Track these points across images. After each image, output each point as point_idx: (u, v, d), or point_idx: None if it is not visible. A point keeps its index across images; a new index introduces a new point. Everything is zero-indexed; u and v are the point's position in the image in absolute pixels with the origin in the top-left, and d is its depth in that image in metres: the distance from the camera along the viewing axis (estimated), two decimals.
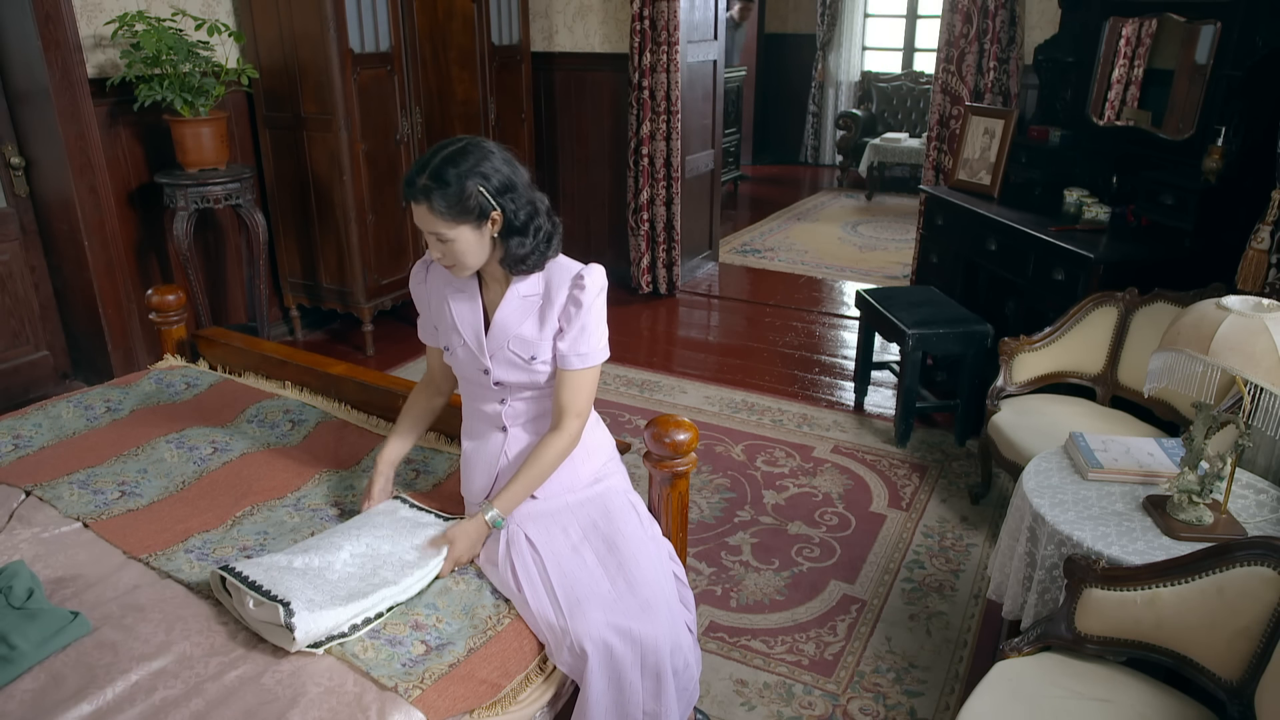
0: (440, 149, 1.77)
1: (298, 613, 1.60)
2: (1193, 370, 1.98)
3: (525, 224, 1.81)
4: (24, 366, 3.94)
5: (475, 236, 1.78)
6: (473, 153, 1.76)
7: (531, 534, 1.87)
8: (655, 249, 5.50)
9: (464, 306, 1.92)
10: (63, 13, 3.55)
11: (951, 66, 4.45)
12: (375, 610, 1.71)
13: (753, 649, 2.57)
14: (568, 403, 1.88)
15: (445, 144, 1.78)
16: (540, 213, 1.84)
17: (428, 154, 1.77)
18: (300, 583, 1.68)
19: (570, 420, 1.88)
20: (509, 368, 1.89)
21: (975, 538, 3.11)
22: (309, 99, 4.25)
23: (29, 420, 2.49)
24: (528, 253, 1.83)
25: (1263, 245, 2.64)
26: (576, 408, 1.88)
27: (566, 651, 1.73)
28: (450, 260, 1.81)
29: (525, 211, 1.80)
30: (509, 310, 1.88)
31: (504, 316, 1.88)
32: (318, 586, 1.69)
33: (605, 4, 5.35)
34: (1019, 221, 3.62)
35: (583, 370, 1.88)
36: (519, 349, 1.88)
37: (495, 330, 1.89)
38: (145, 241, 4.17)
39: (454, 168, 1.72)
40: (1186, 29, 3.48)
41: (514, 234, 1.80)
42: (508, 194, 1.78)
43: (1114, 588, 1.81)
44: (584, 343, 1.86)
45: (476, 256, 1.81)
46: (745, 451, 3.68)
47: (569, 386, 1.88)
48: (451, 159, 1.73)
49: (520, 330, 1.87)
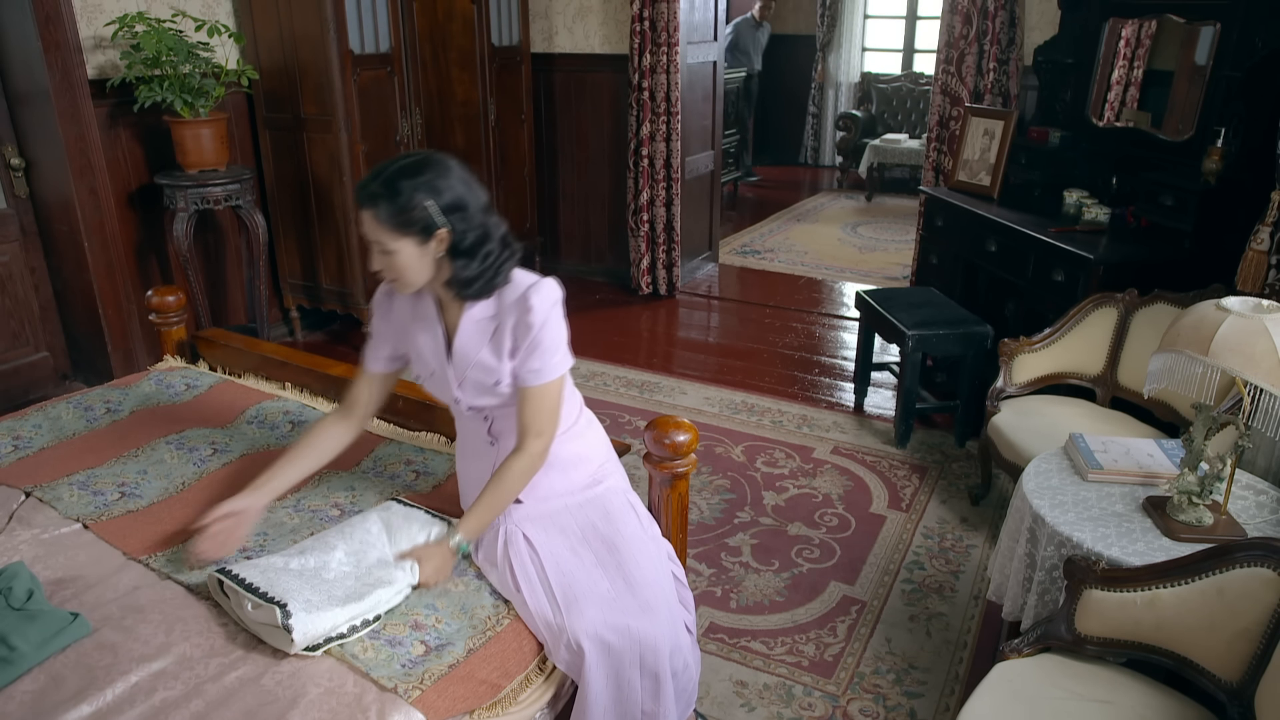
0: (399, 159, 1.74)
1: (295, 614, 1.60)
2: (1192, 371, 1.98)
3: (473, 247, 1.75)
4: (24, 368, 3.94)
5: (418, 252, 1.73)
6: (430, 167, 1.72)
7: (530, 534, 1.87)
8: (655, 250, 5.50)
9: (425, 336, 1.89)
10: (63, 14, 3.56)
11: (951, 68, 4.45)
12: (374, 613, 1.71)
13: (752, 650, 2.57)
14: (528, 422, 1.83)
15: (407, 155, 1.76)
16: (492, 238, 1.78)
17: (386, 162, 1.74)
18: (297, 584, 1.68)
19: (531, 440, 1.83)
20: (477, 393, 1.87)
21: (975, 539, 3.11)
22: (309, 100, 4.26)
23: (29, 421, 2.49)
24: (473, 277, 1.77)
25: (1262, 246, 2.64)
26: (537, 426, 1.83)
27: (564, 649, 1.73)
28: (391, 274, 1.77)
29: (475, 234, 1.75)
30: (466, 337, 1.84)
31: (462, 343, 1.85)
32: (315, 587, 1.69)
33: (605, 5, 5.35)
34: (1019, 223, 3.62)
35: (540, 386, 1.82)
36: (482, 375, 1.84)
37: (457, 358, 1.86)
38: (145, 242, 4.17)
39: (408, 179, 1.69)
40: (1186, 30, 3.48)
41: (460, 255, 1.75)
42: (458, 213, 1.73)
43: (1114, 589, 1.81)
44: (536, 359, 1.80)
45: (418, 273, 1.76)
46: (745, 452, 3.68)
47: (528, 405, 1.83)
48: (407, 170, 1.70)
49: (480, 356, 1.84)
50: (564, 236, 5.99)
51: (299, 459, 1.98)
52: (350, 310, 4.59)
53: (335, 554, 1.80)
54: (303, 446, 2.00)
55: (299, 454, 1.99)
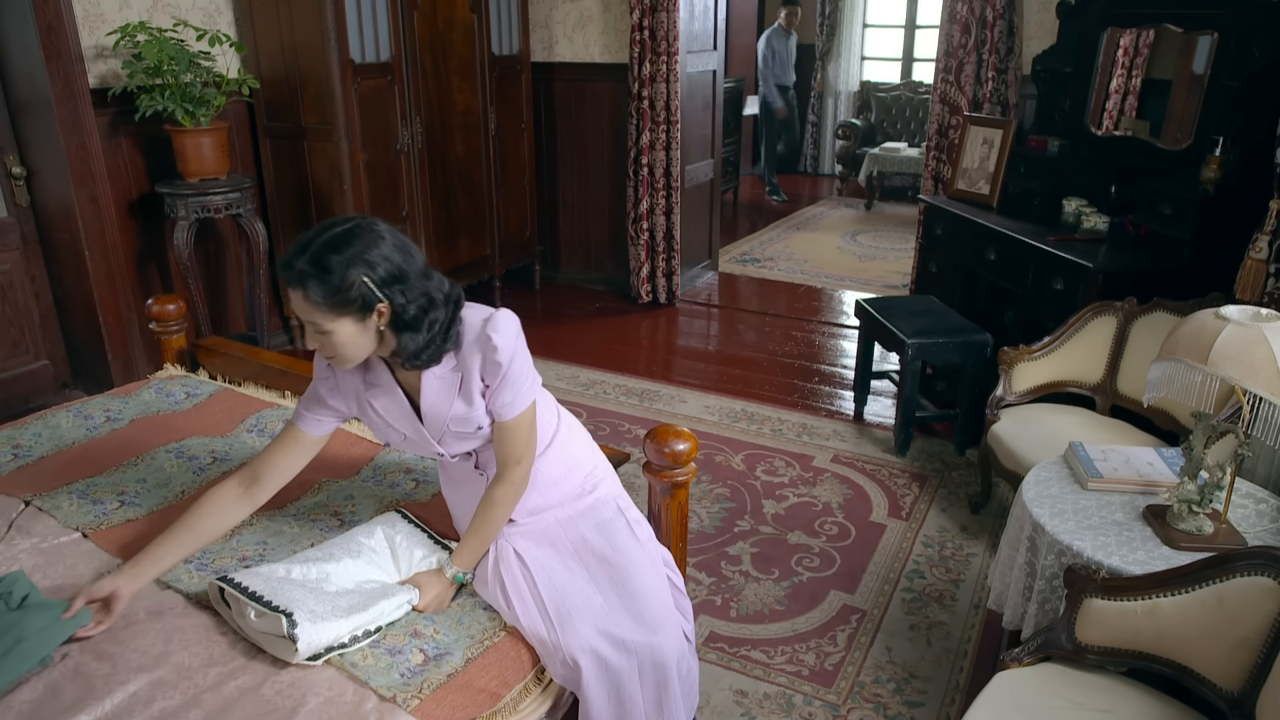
0: (324, 229, 1.60)
1: (301, 624, 1.59)
2: (1192, 380, 1.98)
3: (417, 318, 1.64)
4: (23, 376, 3.94)
5: (357, 329, 1.62)
6: (360, 237, 1.59)
7: (521, 549, 1.85)
8: (655, 258, 5.50)
9: (386, 401, 1.81)
10: (65, 23, 3.57)
11: (950, 76, 4.46)
12: (375, 624, 1.71)
13: (753, 659, 2.56)
14: (506, 454, 1.80)
15: (330, 224, 1.62)
16: (436, 304, 1.67)
17: (310, 233, 1.60)
18: (301, 594, 1.68)
19: (512, 469, 1.81)
20: (460, 441, 1.84)
21: (975, 547, 3.10)
22: (309, 109, 4.27)
23: (28, 430, 2.49)
24: (421, 348, 1.68)
25: (1261, 255, 2.65)
26: (515, 455, 1.80)
27: (559, 664, 1.73)
28: (329, 352, 1.66)
29: (418, 304, 1.64)
30: (432, 397, 1.76)
31: (430, 404, 1.77)
32: (319, 598, 1.69)
33: (605, 14, 5.37)
34: (1018, 231, 3.63)
35: (514, 419, 1.78)
36: (460, 426, 1.79)
37: (429, 418, 1.79)
38: (145, 251, 4.17)
39: (336, 254, 1.56)
40: (1184, 39, 3.49)
41: (405, 329, 1.65)
42: (396, 285, 1.61)
43: (1114, 598, 1.81)
44: (508, 393, 1.75)
45: (358, 349, 1.66)
46: (745, 461, 3.68)
47: (504, 438, 1.79)
48: (333, 244, 1.57)
49: (454, 410, 1.77)
50: (564, 245, 6.00)
51: (181, 536, 1.78)
52: None
53: (338, 565, 1.80)
54: (189, 521, 1.79)
55: (182, 530, 1.79)
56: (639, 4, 4.98)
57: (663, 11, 4.97)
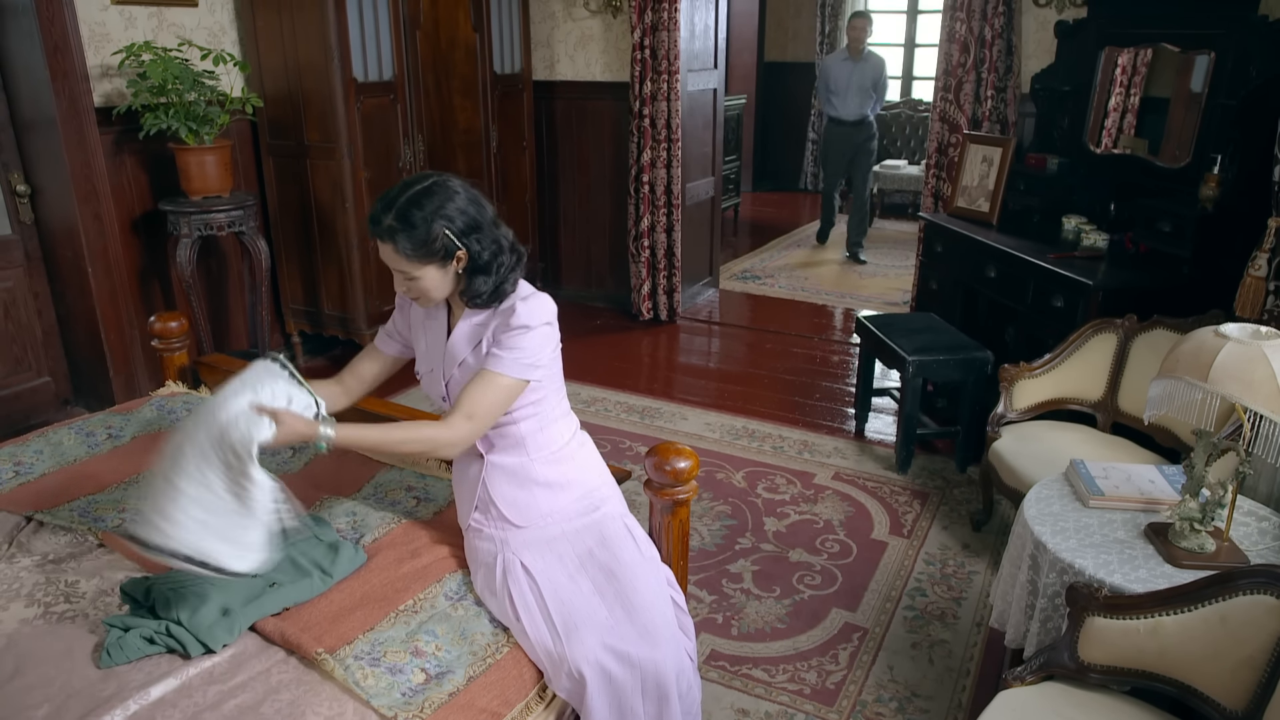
0: (406, 187, 1.78)
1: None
2: (1192, 398, 1.98)
3: (489, 262, 1.83)
4: (25, 393, 3.94)
5: (440, 274, 1.81)
6: (438, 193, 1.78)
7: (528, 562, 1.87)
8: (656, 275, 5.52)
9: (432, 334, 1.97)
10: (71, 43, 3.59)
11: (949, 95, 4.49)
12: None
13: (754, 678, 2.55)
14: (463, 400, 1.82)
15: (410, 182, 1.79)
16: (504, 249, 1.85)
17: (394, 191, 1.78)
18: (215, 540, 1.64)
19: (457, 418, 1.80)
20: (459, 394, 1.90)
21: (977, 565, 3.10)
22: (312, 127, 4.29)
23: (30, 447, 2.49)
24: (490, 290, 1.85)
25: (1260, 272, 2.66)
26: (468, 408, 1.80)
27: (565, 677, 1.73)
28: (415, 295, 1.85)
29: (490, 251, 1.82)
30: (459, 336, 1.91)
31: (454, 342, 1.91)
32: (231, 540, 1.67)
33: (606, 33, 5.41)
34: (1018, 249, 3.64)
35: (489, 374, 1.81)
36: (463, 377, 1.89)
37: (447, 356, 1.92)
38: (148, 268, 4.19)
39: (419, 210, 1.75)
40: (1181, 59, 3.52)
41: (479, 272, 1.83)
42: (473, 234, 1.80)
43: (1117, 616, 1.81)
44: (503, 349, 1.82)
45: (440, 290, 1.85)
46: (746, 478, 3.67)
47: (470, 385, 1.82)
48: (416, 200, 1.75)
49: (465, 356, 1.90)
50: (565, 262, 6.01)
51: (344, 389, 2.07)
52: (352, 335, 4.60)
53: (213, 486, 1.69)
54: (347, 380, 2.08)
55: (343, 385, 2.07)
56: (640, 23, 5.02)
57: (663, 31, 5.01)
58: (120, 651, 1.65)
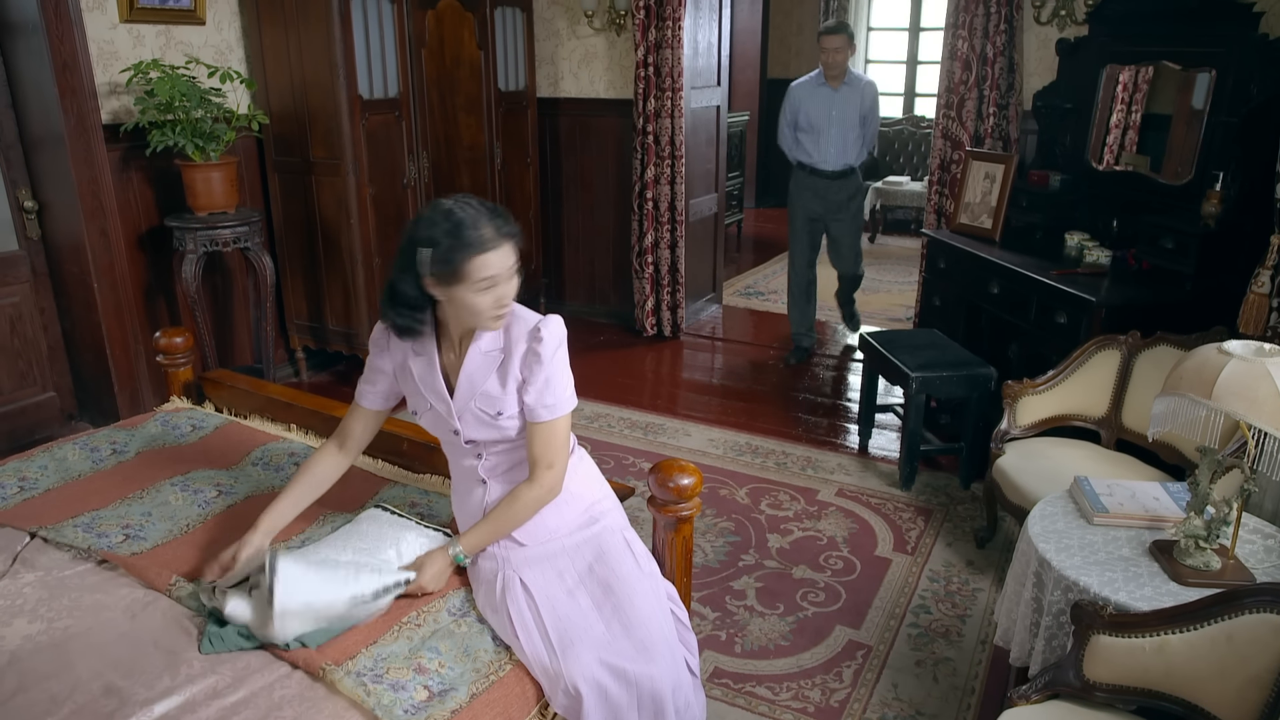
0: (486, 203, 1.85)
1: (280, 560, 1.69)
2: (1196, 415, 1.98)
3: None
4: (30, 407, 3.95)
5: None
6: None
7: (527, 579, 1.88)
8: (659, 291, 5.53)
9: (425, 370, 1.93)
10: (80, 61, 3.63)
11: (952, 112, 4.51)
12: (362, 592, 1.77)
13: (758, 695, 2.54)
14: (539, 454, 1.89)
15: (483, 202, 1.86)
16: None
17: (485, 205, 1.83)
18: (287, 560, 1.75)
19: (543, 472, 1.89)
20: (477, 425, 1.91)
21: (981, 582, 3.08)
22: (318, 144, 4.32)
23: (35, 462, 2.50)
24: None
25: (1263, 289, 2.66)
26: (548, 459, 1.89)
27: (561, 694, 1.73)
28: (509, 298, 1.86)
29: None
30: (473, 368, 1.89)
31: (469, 374, 1.89)
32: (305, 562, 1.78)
33: (610, 51, 5.44)
34: (1021, 265, 3.64)
35: (551, 421, 1.88)
36: (485, 406, 1.89)
37: (461, 389, 1.90)
38: (154, 284, 4.21)
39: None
40: (1182, 76, 3.53)
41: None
42: None
43: (1122, 634, 1.80)
44: (550, 394, 1.87)
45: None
46: (749, 494, 3.67)
47: (539, 439, 1.89)
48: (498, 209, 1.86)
49: (485, 387, 1.89)
50: (569, 278, 6.03)
51: (297, 493, 2.03)
52: (355, 351, 4.61)
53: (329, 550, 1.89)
54: (300, 481, 2.04)
55: (297, 488, 2.03)
56: (643, 41, 5.05)
57: (667, 48, 5.04)
58: (222, 642, 1.73)
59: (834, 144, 4.85)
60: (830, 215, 5.03)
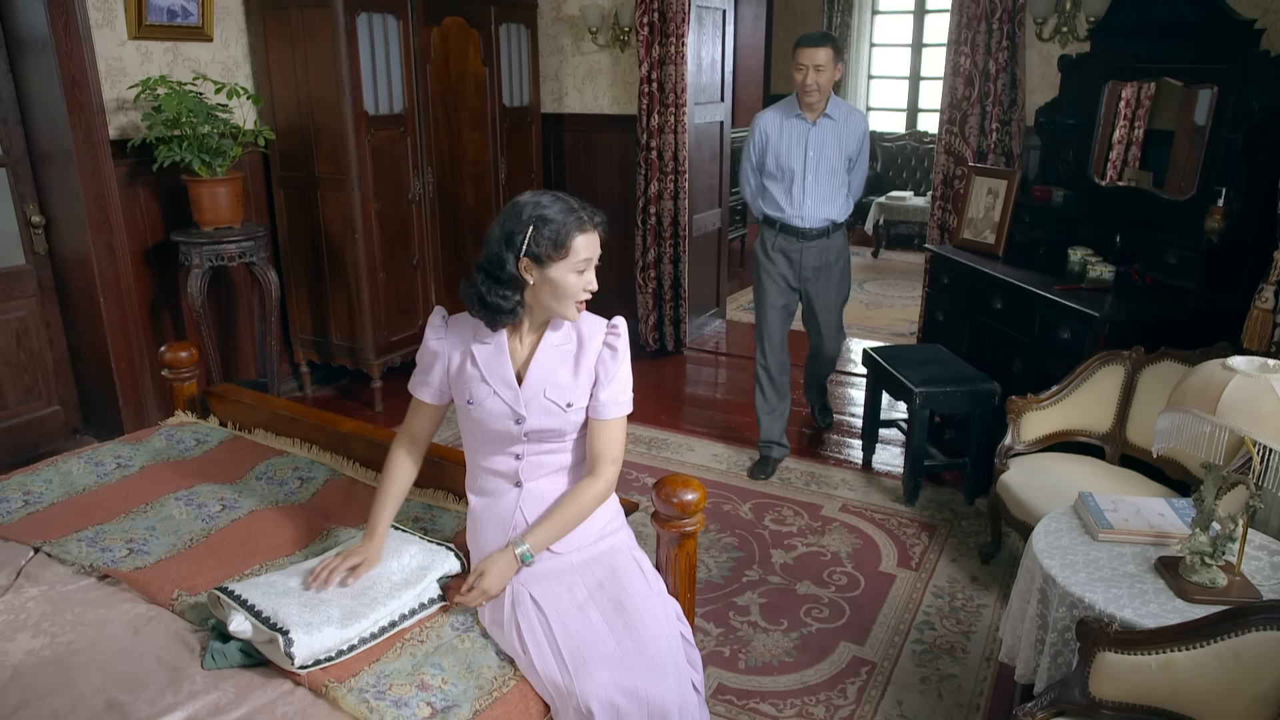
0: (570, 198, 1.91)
1: (296, 640, 1.68)
2: (1200, 430, 1.97)
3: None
4: (35, 421, 3.96)
5: None
6: None
7: (537, 594, 1.87)
8: (663, 306, 5.54)
9: (492, 358, 1.95)
10: (88, 77, 3.66)
11: (954, 128, 4.52)
12: (369, 631, 1.80)
13: (761, 712, 2.53)
14: (604, 449, 1.95)
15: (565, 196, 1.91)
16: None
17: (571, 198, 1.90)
18: (295, 607, 1.76)
19: (607, 467, 1.95)
20: (544, 415, 1.93)
21: (986, 598, 3.07)
22: (323, 159, 4.34)
23: (39, 476, 2.50)
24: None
25: (1267, 305, 2.66)
26: (612, 454, 1.96)
27: (572, 712, 1.71)
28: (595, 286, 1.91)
29: None
30: (545, 359, 1.94)
31: (541, 364, 1.94)
32: (313, 609, 1.77)
33: (614, 67, 5.47)
34: (1024, 280, 3.64)
35: (618, 419, 1.96)
36: (556, 396, 1.93)
37: (531, 378, 1.93)
38: (159, 298, 4.22)
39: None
40: (1184, 93, 3.54)
41: None
42: None
43: (1128, 651, 1.79)
44: (622, 392, 1.96)
45: None
46: (753, 510, 3.66)
47: (605, 434, 1.95)
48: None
49: (557, 377, 1.93)
50: None
51: (388, 496, 2.06)
52: (360, 365, 4.62)
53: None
54: (389, 483, 2.06)
55: (387, 490, 2.06)
56: (647, 57, 5.08)
57: (670, 64, 5.07)
58: (224, 658, 1.75)
59: (810, 194, 3.72)
60: (810, 280, 3.86)
